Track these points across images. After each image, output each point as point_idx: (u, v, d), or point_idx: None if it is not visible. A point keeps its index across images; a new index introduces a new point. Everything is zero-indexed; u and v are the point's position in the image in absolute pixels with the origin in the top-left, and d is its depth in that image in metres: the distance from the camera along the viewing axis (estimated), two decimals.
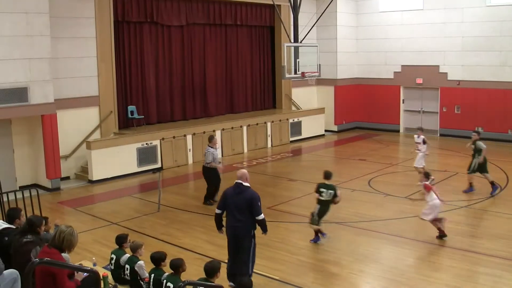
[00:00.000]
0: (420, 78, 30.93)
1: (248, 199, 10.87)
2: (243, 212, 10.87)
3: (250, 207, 10.84)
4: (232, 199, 11.03)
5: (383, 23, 32.18)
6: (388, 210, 17.03)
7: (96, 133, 22.28)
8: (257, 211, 10.86)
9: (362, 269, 12.52)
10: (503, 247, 13.50)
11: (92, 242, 14.08)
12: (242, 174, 11.17)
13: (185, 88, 26.61)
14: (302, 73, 23.51)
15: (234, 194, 11.04)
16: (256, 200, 10.89)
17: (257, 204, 10.87)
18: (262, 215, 10.93)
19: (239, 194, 10.97)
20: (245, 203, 10.86)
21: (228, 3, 27.63)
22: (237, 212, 10.90)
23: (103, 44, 22.13)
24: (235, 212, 10.93)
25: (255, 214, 10.86)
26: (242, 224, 10.91)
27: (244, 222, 10.90)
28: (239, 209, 10.88)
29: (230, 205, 11.04)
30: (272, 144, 28.11)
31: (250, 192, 10.98)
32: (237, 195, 10.98)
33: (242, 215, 10.88)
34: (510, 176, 20.81)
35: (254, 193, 11.00)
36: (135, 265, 9.62)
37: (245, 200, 10.88)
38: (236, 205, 10.93)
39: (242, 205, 10.87)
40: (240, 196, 10.93)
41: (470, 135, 18.72)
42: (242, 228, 10.95)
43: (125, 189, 20.12)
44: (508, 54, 27.63)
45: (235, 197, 10.99)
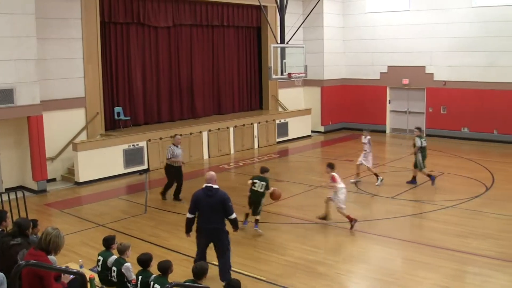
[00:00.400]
0: (406, 78, 31.07)
1: (221, 200, 11.28)
2: (217, 213, 11.30)
3: (223, 207, 11.27)
4: (205, 201, 11.31)
5: (370, 24, 32.30)
6: (375, 210, 17.10)
7: (83, 134, 22.20)
8: (230, 211, 11.38)
9: (349, 269, 12.57)
10: (491, 247, 13.58)
11: (79, 244, 14.03)
12: (211, 177, 11.52)
13: (172, 89, 26.58)
14: (288, 74, 23.52)
15: (206, 196, 11.32)
16: (228, 201, 11.36)
17: (229, 204, 11.36)
18: (235, 214, 11.49)
19: (211, 196, 11.28)
20: (219, 204, 11.27)
21: (215, 4, 27.61)
22: (212, 213, 11.27)
23: (89, 45, 22.05)
24: (210, 214, 11.29)
25: (229, 214, 11.38)
26: (219, 225, 11.36)
27: (220, 223, 11.36)
28: (214, 210, 11.26)
29: (204, 208, 11.33)
30: (259, 145, 28.12)
31: (221, 194, 11.39)
32: (210, 197, 11.28)
33: (217, 216, 11.31)
34: (495, 176, 20.92)
35: (225, 194, 11.44)
36: (122, 267, 9.60)
37: (218, 201, 11.27)
38: (210, 206, 11.26)
39: (216, 207, 11.26)
40: (213, 198, 11.27)
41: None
42: (220, 229, 11.40)
43: (112, 191, 20.08)
44: (494, 55, 27.80)
45: (208, 199, 11.29)
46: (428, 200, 17.78)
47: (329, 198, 15.57)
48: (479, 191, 18.87)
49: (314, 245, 13.95)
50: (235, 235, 14.62)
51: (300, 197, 18.70)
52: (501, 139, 28.00)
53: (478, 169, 22.19)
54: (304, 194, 19.00)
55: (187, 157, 24.08)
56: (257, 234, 14.80)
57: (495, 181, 20.26)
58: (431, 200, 17.70)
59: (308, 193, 19.22)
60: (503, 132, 28.10)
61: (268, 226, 15.60)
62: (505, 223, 15.45)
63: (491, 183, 20.04)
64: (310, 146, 28.99)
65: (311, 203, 17.87)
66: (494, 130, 28.44)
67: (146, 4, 24.59)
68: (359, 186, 19.76)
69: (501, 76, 27.74)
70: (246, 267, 12.41)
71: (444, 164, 22.70)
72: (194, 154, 24.72)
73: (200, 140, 25.17)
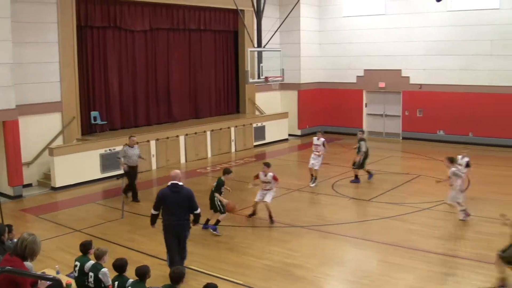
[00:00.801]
0: (382, 82, 31.26)
1: (188, 197, 11.83)
2: (183, 209, 11.82)
3: (189, 203, 11.80)
4: (172, 198, 11.79)
5: (346, 28, 32.46)
6: (352, 213, 17.19)
7: (59, 139, 22.06)
8: (196, 206, 11.91)
9: (327, 272, 12.63)
10: (465, 248, 13.77)
11: (56, 250, 13.94)
12: (176, 174, 12.01)
13: (149, 94, 26.53)
14: (265, 78, 23.56)
15: (173, 193, 11.81)
16: (194, 197, 11.94)
17: (195, 200, 11.92)
18: (199, 209, 12.03)
19: (177, 193, 11.79)
20: (185, 200, 11.78)
21: (192, 8, 27.60)
22: (178, 209, 11.80)
23: (66, 49, 21.92)
24: (176, 210, 11.80)
25: (195, 209, 11.90)
26: (184, 221, 11.94)
27: (185, 219, 11.94)
28: (180, 206, 11.79)
29: (170, 204, 11.83)
30: (236, 149, 28.15)
31: (187, 190, 11.96)
32: (176, 194, 11.78)
33: (183, 212, 11.85)
34: (471, 178, 21.06)
35: (190, 190, 12.02)
36: (99, 272, 9.55)
37: (185, 197, 11.79)
38: (176, 203, 11.77)
39: (183, 203, 11.77)
40: (179, 195, 11.78)
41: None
42: (185, 225, 12.00)
43: (89, 196, 19.95)
44: (470, 58, 28.09)
45: (175, 196, 11.78)
46: (403, 203, 17.88)
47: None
48: None
49: (291, 249, 13.98)
50: (213, 240, 14.69)
51: (278, 200, 18.71)
52: (476, 141, 28.22)
53: None
54: (282, 198, 19.01)
55: (164, 161, 24.09)
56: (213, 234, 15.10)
57: (470, 183, 20.41)
58: (406, 203, 17.81)
59: (285, 196, 19.24)
60: (478, 134, 28.36)
61: (246, 230, 15.63)
62: (479, 225, 15.59)
63: (466, 185, 20.18)
64: (287, 149, 29.04)
65: (289, 207, 17.94)
66: (470, 133, 28.69)
67: (123, 8, 24.53)
68: (336, 189, 19.83)
69: (476, 80, 28.04)
70: (224, 271, 12.41)
71: (420, 167, 22.87)
72: (171, 158, 24.68)
73: (177, 144, 25.14)
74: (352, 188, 20.13)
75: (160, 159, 24.23)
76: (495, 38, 27.38)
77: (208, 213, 15.38)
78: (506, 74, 27.25)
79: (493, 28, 27.37)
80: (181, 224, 11.88)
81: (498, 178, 21.39)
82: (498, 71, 27.44)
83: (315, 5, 33.23)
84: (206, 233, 15.11)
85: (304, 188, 20.20)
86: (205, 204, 17.39)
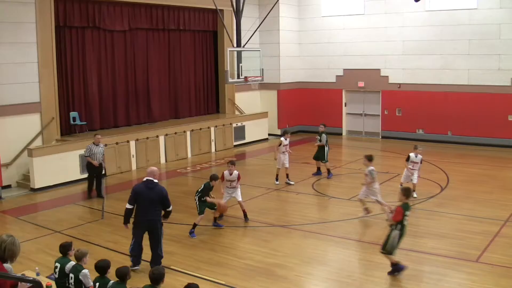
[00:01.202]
0: (362, 81, 31.39)
1: (161, 194, 12.19)
2: (156, 205, 12.16)
3: (162, 200, 12.17)
4: (146, 194, 12.10)
5: (326, 28, 32.55)
6: (333, 213, 17.22)
7: (38, 140, 21.90)
8: (168, 204, 12.35)
9: (309, 271, 12.64)
10: (446, 246, 13.82)
11: (36, 251, 13.85)
12: (152, 171, 12.34)
13: (128, 94, 26.44)
14: (245, 78, 23.56)
15: (147, 189, 12.12)
16: (167, 194, 12.35)
17: (168, 197, 12.34)
18: (171, 206, 12.47)
19: (151, 189, 12.12)
20: (158, 197, 12.14)
21: (171, 8, 27.54)
22: (151, 205, 12.13)
23: (44, 49, 21.77)
24: (149, 206, 12.12)
25: (167, 206, 12.34)
26: (156, 217, 12.26)
27: (157, 215, 12.27)
28: (153, 203, 12.11)
29: (144, 200, 12.11)
30: (216, 149, 28.12)
31: (161, 187, 12.32)
32: (150, 190, 12.11)
33: (156, 208, 12.19)
34: (450, 177, 21.26)
35: (164, 188, 12.43)
36: (79, 273, 9.49)
37: (158, 194, 12.15)
38: (150, 199, 12.08)
39: (156, 199, 12.12)
40: (153, 191, 12.11)
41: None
42: (157, 221, 12.30)
43: (69, 197, 19.83)
44: (448, 58, 28.34)
45: (149, 192, 12.10)
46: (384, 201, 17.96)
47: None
48: (435, 192, 19.18)
49: (273, 248, 13.99)
50: (194, 240, 14.67)
51: (258, 200, 18.74)
52: (455, 140, 28.52)
53: (433, 170, 22.50)
54: (263, 197, 19.05)
55: (144, 162, 24.01)
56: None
57: (450, 182, 20.59)
58: (387, 201, 17.85)
59: (266, 196, 19.28)
60: (457, 133, 28.60)
61: (227, 230, 15.62)
62: (460, 223, 15.71)
63: (446, 183, 20.35)
64: (267, 149, 29.00)
65: (269, 206, 17.97)
66: (448, 132, 28.92)
67: (102, 8, 24.41)
68: (316, 189, 19.87)
69: (455, 79, 28.30)
70: (205, 271, 12.40)
71: (400, 166, 22.86)
72: (151, 159, 24.60)
73: (157, 145, 25.07)
74: (333, 187, 20.21)
75: (140, 159, 24.15)
76: (473, 38, 27.61)
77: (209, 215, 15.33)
78: (484, 73, 27.50)
79: (471, 28, 27.60)
80: (152, 220, 12.20)
81: (478, 176, 21.53)
82: (476, 71, 27.68)
83: (295, 5, 33.29)
84: (187, 233, 15.08)
85: (284, 187, 20.23)
86: (187, 205, 17.46)
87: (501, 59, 26.97)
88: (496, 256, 13.07)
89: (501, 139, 27.39)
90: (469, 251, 13.33)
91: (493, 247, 13.66)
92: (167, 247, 13.89)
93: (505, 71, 26.89)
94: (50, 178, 20.90)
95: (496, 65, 27.14)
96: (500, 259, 12.85)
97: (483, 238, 14.35)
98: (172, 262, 12.91)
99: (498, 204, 17.53)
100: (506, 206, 17.10)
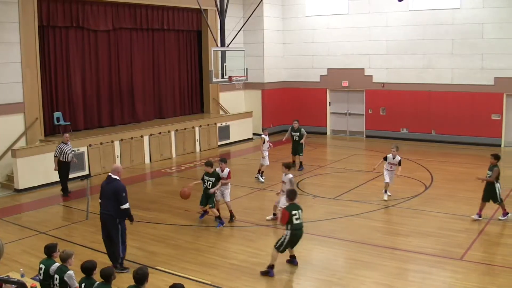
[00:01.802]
0: (346, 81, 31.48)
1: (114, 190, 12.28)
2: (110, 201, 12.33)
3: (115, 196, 12.23)
4: (105, 188, 12.56)
5: (310, 27, 32.62)
6: (317, 212, 17.24)
7: (22, 140, 21.77)
8: (121, 201, 12.25)
9: (293, 270, 12.67)
10: (431, 244, 13.92)
11: (20, 253, 13.79)
12: (114, 168, 12.72)
13: (112, 94, 26.35)
14: (229, 77, 23.58)
15: (105, 184, 12.59)
16: (121, 191, 12.29)
17: (122, 194, 12.26)
18: (127, 205, 12.35)
19: (108, 184, 12.48)
20: (111, 192, 12.30)
21: (155, 7, 27.47)
22: (106, 200, 12.45)
23: (28, 49, 21.65)
24: (106, 200, 12.46)
25: (120, 203, 12.25)
26: (109, 212, 12.38)
27: (110, 210, 12.34)
28: (107, 198, 12.40)
29: (102, 194, 12.60)
30: (200, 149, 28.09)
31: (116, 184, 12.39)
32: (106, 185, 12.51)
33: (109, 203, 12.34)
34: (434, 175, 21.36)
35: (120, 185, 12.39)
36: (64, 275, 9.46)
37: (111, 190, 12.31)
38: (105, 194, 12.49)
39: (109, 195, 12.34)
40: (108, 186, 12.45)
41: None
42: (108, 215, 12.41)
43: (53, 197, 19.74)
44: (431, 57, 28.54)
45: (105, 187, 12.54)
46: (368, 200, 18.03)
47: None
48: (419, 190, 19.27)
49: (258, 248, 14.01)
50: (178, 240, 14.65)
51: (243, 200, 18.75)
52: (439, 139, 28.70)
53: (417, 168, 22.62)
54: (247, 197, 19.07)
55: (128, 162, 23.96)
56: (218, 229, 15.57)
57: (434, 180, 20.69)
58: (371, 200, 17.96)
59: (251, 195, 19.31)
60: (441, 132, 28.77)
61: (212, 229, 15.62)
62: (444, 221, 15.80)
63: (430, 182, 20.46)
64: (252, 149, 29.00)
65: (254, 206, 18.00)
66: (432, 131, 29.08)
67: (86, 8, 24.30)
68: (301, 188, 19.90)
69: (437, 78, 28.50)
70: (191, 271, 12.40)
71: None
72: (135, 159, 24.56)
73: (142, 145, 25.01)
74: (317, 187, 20.24)
75: (125, 159, 24.07)
76: (456, 37, 27.79)
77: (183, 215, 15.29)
78: (466, 73, 27.69)
79: (454, 28, 27.80)
80: (105, 214, 12.44)
81: (461, 175, 21.64)
82: (459, 70, 27.88)
83: (279, 4, 33.32)
84: (172, 233, 15.08)
85: (269, 187, 20.24)
86: (171, 205, 17.47)
87: (484, 58, 27.16)
88: (479, 254, 13.20)
89: (485, 137, 27.56)
90: (453, 249, 13.43)
91: (477, 245, 13.78)
92: (151, 247, 14.00)
93: (488, 70, 27.08)
94: (34, 179, 20.79)
95: (479, 64, 27.32)
96: (483, 257, 12.99)
97: (467, 236, 14.45)
98: (157, 262, 12.91)
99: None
100: (489, 204, 17.19)
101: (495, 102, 27.18)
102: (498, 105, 27.20)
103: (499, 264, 12.55)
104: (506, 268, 12.26)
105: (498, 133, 27.45)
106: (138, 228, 15.21)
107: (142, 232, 15.23)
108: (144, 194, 19.86)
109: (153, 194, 20.06)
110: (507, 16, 26.43)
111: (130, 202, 12.47)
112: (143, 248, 13.98)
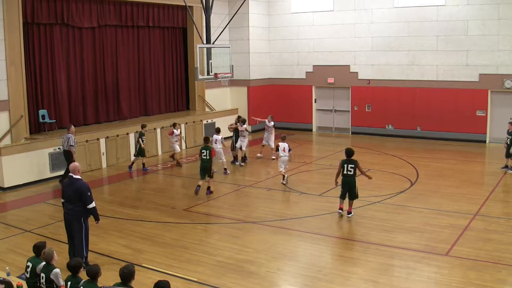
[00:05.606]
0: (331, 77, 31.55)
1: (77, 190, 12.20)
2: (72, 201, 12.25)
3: (80, 196, 12.18)
4: (65, 189, 12.56)
5: (295, 24, 32.68)
6: (303, 208, 17.29)
7: (7, 138, 21.65)
8: (87, 200, 12.23)
9: (279, 267, 12.69)
10: (416, 240, 14.00)
11: (6, 251, 13.75)
12: (73, 168, 12.55)
13: (97, 91, 26.26)
14: (215, 74, 23.59)
15: (67, 185, 12.56)
16: (85, 191, 12.24)
17: (86, 194, 12.22)
18: (93, 204, 12.35)
19: (70, 185, 12.39)
20: (74, 193, 12.21)
21: (140, 4, 27.40)
22: (68, 201, 12.33)
23: (12, 46, 21.50)
24: (68, 200, 12.34)
25: (86, 203, 12.23)
26: (71, 212, 12.31)
27: (72, 210, 12.27)
28: (69, 198, 12.28)
29: (65, 195, 12.50)
30: (186, 146, 28.05)
31: (79, 183, 12.32)
32: (69, 186, 12.43)
33: (72, 203, 12.26)
34: (420, 171, 21.47)
35: (83, 185, 12.34)
36: (50, 273, 9.45)
37: (74, 190, 12.23)
38: (67, 194, 12.38)
39: (72, 195, 12.24)
40: (71, 187, 12.33)
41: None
42: (71, 215, 12.35)
43: (39, 196, 19.66)
44: (416, 54, 28.68)
45: (67, 187, 12.47)
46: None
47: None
48: (404, 187, 19.37)
49: (244, 244, 14.04)
50: (165, 237, 14.65)
51: (229, 196, 18.78)
52: (424, 135, 28.86)
53: (402, 165, 22.74)
54: (233, 194, 19.09)
55: (114, 159, 23.95)
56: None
57: (419, 176, 20.80)
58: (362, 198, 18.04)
59: (237, 192, 19.32)
60: (426, 128, 28.92)
61: (198, 226, 15.64)
62: (429, 217, 15.89)
63: (415, 178, 20.56)
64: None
65: (240, 203, 18.02)
66: (417, 127, 29.22)
67: (70, 5, 24.18)
68: (287, 184, 19.94)
69: (422, 74, 28.66)
70: (177, 269, 12.40)
71: (370, 161, 23.13)
72: (121, 156, 24.49)
73: (127, 142, 24.94)
74: (303, 183, 20.28)
75: (110, 157, 24.02)
76: (440, 34, 27.94)
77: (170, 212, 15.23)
78: (451, 69, 27.86)
79: (439, 24, 27.94)
80: (68, 214, 12.37)
81: (446, 171, 21.78)
82: (443, 66, 28.04)
83: (264, 1, 33.34)
84: (158, 231, 15.08)
85: (255, 184, 20.28)
86: (156, 202, 17.49)
87: (468, 55, 27.31)
88: (464, 249, 13.27)
89: (469, 134, 27.75)
90: (438, 245, 13.51)
91: (462, 241, 13.86)
92: (138, 244, 13.99)
93: (473, 66, 27.25)
94: (20, 177, 20.69)
95: (463, 61, 27.48)
96: (468, 252, 13.05)
97: (452, 232, 14.54)
98: (143, 260, 12.90)
99: (466, 198, 17.79)
100: (474, 200, 17.34)
101: (479, 98, 27.34)
102: (483, 102, 27.36)
103: (484, 259, 12.61)
104: (491, 264, 12.34)
105: (483, 129, 27.60)
106: (125, 225, 15.23)
107: (128, 230, 15.22)
108: (130, 192, 19.84)
109: (139, 191, 20.05)
110: (491, 13, 26.58)
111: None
112: (129, 246, 13.96)
